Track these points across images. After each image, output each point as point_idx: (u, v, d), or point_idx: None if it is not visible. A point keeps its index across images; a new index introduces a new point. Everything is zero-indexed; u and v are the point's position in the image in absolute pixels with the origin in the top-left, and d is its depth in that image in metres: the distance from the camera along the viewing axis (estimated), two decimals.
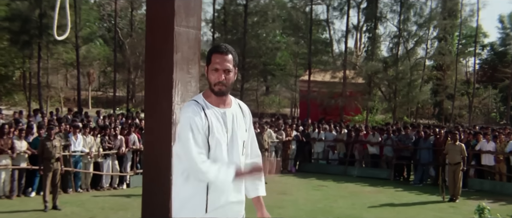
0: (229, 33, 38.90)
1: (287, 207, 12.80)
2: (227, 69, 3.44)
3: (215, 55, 3.44)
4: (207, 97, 3.51)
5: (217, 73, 3.42)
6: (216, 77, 3.42)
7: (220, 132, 3.43)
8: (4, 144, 13.00)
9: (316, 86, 35.99)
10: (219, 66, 3.42)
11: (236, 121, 3.55)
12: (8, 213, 11.42)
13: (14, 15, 32.14)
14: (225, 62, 3.44)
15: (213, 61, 3.43)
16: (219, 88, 3.44)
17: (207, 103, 3.46)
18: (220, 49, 3.47)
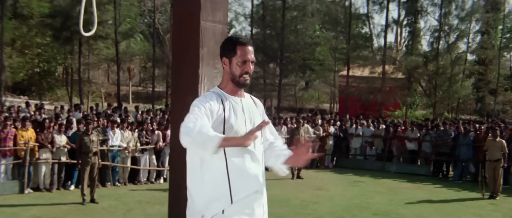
0: (268, 28, 38.83)
1: (323, 203, 12.73)
2: (253, 61, 3.52)
3: (240, 47, 3.46)
4: (224, 87, 3.54)
5: (245, 65, 3.46)
6: (244, 69, 3.46)
7: (239, 119, 3.45)
8: (45, 138, 13.30)
9: (355, 82, 35.66)
10: (246, 58, 3.46)
11: (253, 111, 3.58)
12: (48, 206, 11.66)
13: (56, 11, 32.74)
14: (251, 53, 3.50)
15: (240, 53, 3.45)
16: (245, 79, 3.48)
17: (225, 94, 3.49)
18: (245, 40, 3.50)
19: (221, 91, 3.51)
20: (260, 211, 3.54)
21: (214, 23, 4.03)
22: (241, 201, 3.41)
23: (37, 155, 13.27)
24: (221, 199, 3.37)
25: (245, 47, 3.46)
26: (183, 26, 4.08)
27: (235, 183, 3.39)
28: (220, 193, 3.38)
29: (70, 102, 33.16)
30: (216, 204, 3.38)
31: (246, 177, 3.44)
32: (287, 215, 11.26)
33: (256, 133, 3.31)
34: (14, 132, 13.10)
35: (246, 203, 3.44)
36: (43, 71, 38.30)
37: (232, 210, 3.39)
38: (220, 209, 3.37)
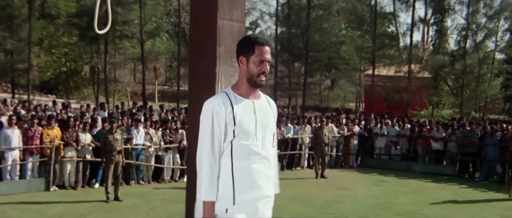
0: (293, 27, 38.76)
1: (346, 202, 12.67)
2: (270, 61, 3.49)
3: (259, 47, 3.44)
4: (237, 89, 3.52)
5: (262, 65, 3.44)
6: (262, 69, 3.45)
7: (249, 121, 3.43)
8: (70, 137, 13.45)
9: (381, 81, 35.42)
10: (264, 58, 3.45)
11: (266, 113, 3.55)
12: (72, 203, 11.80)
13: (82, 11, 33.10)
14: (268, 53, 3.48)
15: (257, 53, 3.44)
16: (262, 80, 3.47)
17: (236, 96, 3.48)
18: (263, 40, 3.48)
19: (233, 93, 3.49)
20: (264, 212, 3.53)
21: (231, 21, 4.01)
22: (244, 202, 3.41)
23: (63, 153, 13.43)
24: (224, 198, 3.38)
25: (263, 47, 3.45)
26: (200, 24, 4.07)
27: (239, 185, 3.39)
28: (223, 192, 3.38)
29: (96, 101, 33.50)
30: (219, 203, 3.39)
31: (251, 179, 3.43)
32: (310, 214, 11.24)
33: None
34: (40, 130, 13.28)
35: (251, 206, 3.44)
36: (70, 70, 38.79)
37: (235, 210, 3.40)
38: (223, 208, 3.39)
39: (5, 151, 12.80)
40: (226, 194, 3.38)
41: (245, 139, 3.41)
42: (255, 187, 3.43)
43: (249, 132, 3.42)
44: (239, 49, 3.54)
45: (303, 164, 18.84)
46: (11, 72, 32.92)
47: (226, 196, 3.38)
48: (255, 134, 3.44)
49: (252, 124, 3.44)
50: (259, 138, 3.46)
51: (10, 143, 12.81)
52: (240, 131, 3.39)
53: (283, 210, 11.53)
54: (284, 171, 17.92)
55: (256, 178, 3.43)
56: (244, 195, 3.39)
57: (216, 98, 3.44)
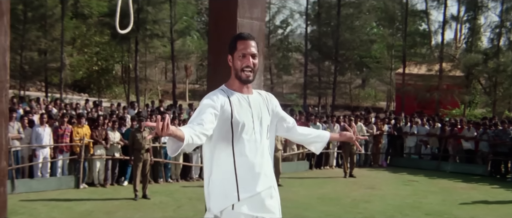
0: (323, 25, 38.57)
1: (374, 202, 12.59)
2: (254, 54, 3.50)
3: (240, 42, 3.50)
4: (230, 86, 3.58)
5: (244, 59, 3.48)
6: (244, 62, 3.48)
7: (245, 115, 3.48)
8: (99, 135, 13.61)
9: (412, 79, 35.05)
10: (245, 52, 3.48)
11: (260, 107, 3.60)
12: (101, 201, 11.93)
13: (113, 10, 33.38)
14: (251, 47, 3.50)
15: (238, 48, 3.49)
16: (247, 74, 3.50)
17: (230, 90, 3.54)
18: (245, 35, 3.54)
19: (227, 89, 3.56)
20: (271, 205, 3.57)
21: (251, 20, 4.01)
22: (249, 198, 3.46)
23: (92, 151, 13.60)
24: (229, 195, 3.43)
25: (245, 41, 3.49)
26: (220, 23, 4.09)
27: (242, 181, 3.44)
28: (228, 189, 3.44)
29: (127, 100, 33.81)
30: (224, 200, 3.45)
31: (254, 175, 3.48)
32: (337, 213, 11.18)
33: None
34: (70, 128, 13.46)
35: (256, 200, 3.49)
36: (101, 69, 39.16)
37: (241, 206, 3.44)
38: (228, 204, 3.44)
39: (37, 148, 13.03)
40: (230, 192, 3.43)
41: (245, 134, 3.45)
42: (258, 180, 3.48)
43: (247, 125, 3.46)
44: (228, 50, 3.59)
45: (331, 163, 18.74)
46: (44, 71, 33.39)
47: (231, 193, 3.43)
48: (253, 128, 3.49)
49: (249, 117, 3.49)
50: (257, 131, 3.51)
51: (41, 141, 13.02)
52: (238, 125, 3.43)
53: (311, 209, 11.52)
54: (313, 170, 17.88)
55: (258, 172, 3.48)
56: (248, 191, 3.44)
57: (213, 93, 3.50)
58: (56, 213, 10.51)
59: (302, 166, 17.77)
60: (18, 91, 32.93)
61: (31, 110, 16.08)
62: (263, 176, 3.51)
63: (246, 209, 3.44)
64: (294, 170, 17.10)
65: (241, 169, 3.43)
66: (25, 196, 12.02)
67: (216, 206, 3.47)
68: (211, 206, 3.51)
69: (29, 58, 33.01)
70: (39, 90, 38.43)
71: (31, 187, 12.59)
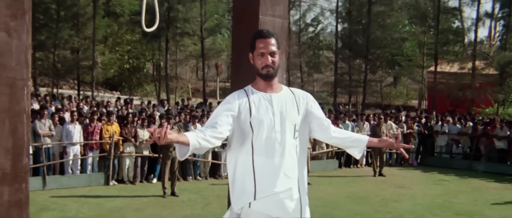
0: (353, 23, 38.32)
1: (404, 201, 12.44)
2: (273, 52, 3.49)
3: (259, 40, 3.50)
4: (254, 85, 3.59)
5: (263, 58, 3.48)
6: (263, 61, 3.48)
7: (265, 114, 3.47)
8: (128, 133, 13.73)
9: (444, 78, 34.63)
10: (264, 50, 3.47)
11: (285, 105, 3.55)
12: (130, 197, 12.04)
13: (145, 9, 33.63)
14: (270, 45, 3.49)
15: (257, 47, 3.50)
16: (267, 71, 3.49)
17: (253, 90, 3.55)
18: (263, 33, 3.53)
19: (251, 88, 3.57)
20: (293, 206, 3.53)
21: (273, 17, 3.99)
22: (266, 198, 3.45)
23: (121, 149, 13.72)
24: (247, 194, 3.45)
25: (264, 40, 3.49)
26: (243, 20, 4.07)
27: (260, 180, 3.44)
28: (246, 188, 3.45)
29: (158, 98, 34.08)
30: (243, 198, 3.47)
31: (272, 175, 3.46)
32: (366, 212, 11.09)
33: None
34: (100, 126, 13.62)
35: (273, 201, 3.47)
36: (133, 67, 39.57)
37: (258, 205, 3.45)
38: (245, 202, 3.46)
39: (67, 146, 13.21)
40: (248, 190, 3.44)
41: (264, 133, 3.44)
42: (276, 180, 3.45)
43: (266, 124, 3.45)
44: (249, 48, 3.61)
45: (361, 162, 18.60)
46: (77, 70, 33.85)
47: (248, 192, 3.44)
48: (274, 126, 3.47)
49: (269, 115, 3.47)
50: (278, 130, 3.48)
51: (72, 138, 13.20)
52: (257, 123, 3.44)
53: (339, 207, 11.45)
54: (342, 169, 17.78)
55: (277, 172, 3.46)
56: (266, 190, 3.43)
57: (233, 94, 3.55)
58: (86, 210, 10.62)
59: (331, 164, 17.69)
60: (51, 89, 33.44)
61: (63, 107, 16.29)
62: (283, 177, 3.47)
63: (262, 208, 3.44)
64: (323, 169, 17.03)
65: (259, 168, 3.43)
66: (56, 192, 12.20)
67: (236, 204, 3.51)
68: (232, 203, 3.55)
69: (62, 56, 33.52)
70: (72, 88, 38.99)
71: (62, 184, 12.78)
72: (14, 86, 2.97)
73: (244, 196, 3.45)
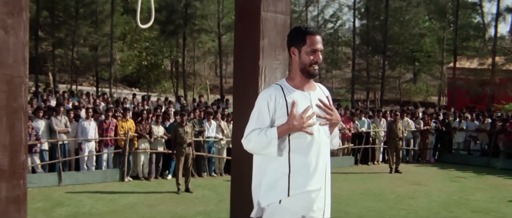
0: (371, 19, 38.08)
1: (419, 198, 12.35)
2: (322, 50, 3.46)
3: (310, 36, 3.42)
4: (291, 80, 3.52)
5: (315, 55, 3.42)
6: (314, 58, 3.43)
7: (305, 113, 3.40)
8: (143, 129, 13.79)
9: (463, 74, 34.30)
10: (316, 47, 3.42)
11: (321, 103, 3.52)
12: (145, 193, 12.10)
13: (161, 6, 33.85)
14: (320, 43, 3.45)
15: (309, 43, 3.42)
16: (315, 69, 3.45)
17: (289, 87, 3.47)
18: (314, 29, 3.47)
19: (287, 84, 3.50)
20: (320, 206, 3.52)
21: (275, 13, 3.97)
22: (298, 195, 3.41)
23: (136, 145, 13.79)
24: (279, 189, 3.40)
25: (314, 37, 3.42)
26: (244, 17, 4.05)
27: (294, 177, 3.40)
28: (279, 184, 3.41)
29: (175, 95, 34.20)
30: (273, 193, 3.42)
31: (307, 173, 3.43)
32: (380, 209, 11.03)
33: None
34: (115, 122, 13.70)
35: (305, 198, 3.44)
36: (151, 64, 39.74)
37: (288, 202, 3.41)
38: (276, 198, 3.41)
39: (82, 142, 13.31)
40: (280, 186, 3.40)
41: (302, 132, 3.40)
42: (310, 179, 3.43)
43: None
44: (290, 40, 3.53)
45: (378, 158, 18.51)
46: (95, 67, 34.09)
47: (281, 188, 3.40)
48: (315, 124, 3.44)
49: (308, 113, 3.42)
50: (315, 129, 3.44)
51: (87, 134, 13.31)
52: None
53: (353, 204, 11.40)
54: (358, 165, 17.70)
55: (311, 170, 3.43)
56: (299, 188, 3.40)
57: (268, 90, 3.48)
58: (100, 205, 10.69)
59: (347, 161, 17.61)
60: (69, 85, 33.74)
61: (79, 104, 16.41)
62: (317, 175, 3.47)
63: (292, 206, 3.42)
64: (339, 165, 16.96)
65: (295, 165, 3.40)
66: (71, 188, 12.31)
67: (265, 199, 3.45)
68: (260, 199, 3.49)
69: (80, 53, 33.79)
70: (92, 85, 39.29)
71: (77, 180, 12.88)
72: (11, 84, 3.00)
73: (275, 192, 3.41)
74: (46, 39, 34.08)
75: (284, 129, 3.31)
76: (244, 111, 4.00)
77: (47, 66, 35.64)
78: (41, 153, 12.78)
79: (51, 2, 32.48)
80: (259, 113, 3.39)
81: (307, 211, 3.46)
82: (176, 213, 10.33)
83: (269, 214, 3.45)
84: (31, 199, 11.01)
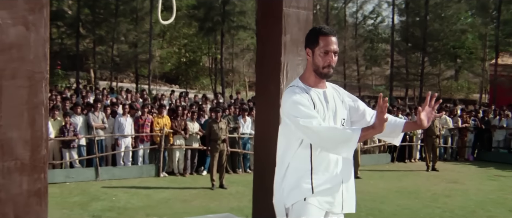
0: (411, 15, 37.56)
1: (455, 197, 12.16)
2: (336, 52, 3.44)
3: (323, 38, 3.41)
4: (305, 80, 3.52)
5: (327, 56, 3.41)
6: (327, 60, 3.41)
7: (323, 111, 3.44)
8: (178, 125, 13.91)
9: (505, 70, 33.60)
10: (329, 48, 3.40)
11: (334, 101, 3.54)
12: (179, 189, 12.21)
13: (200, 3, 34.05)
14: (334, 44, 3.43)
15: (322, 44, 3.40)
16: (328, 71, 3.44)
17: (307, 87, 3.48)
18: (328, 30, 3.44)
19: (303, 84, 3.50)
20: (339, 202, 3.54)
21: (298, 9, 3.96)
22: (322, 191, 3.44)
23: (172, 141, 13.92)
24: (303, 188, 3.42)
25: (328, 38, 3.41)
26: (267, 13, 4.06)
27: (317, 174, 3.43)
28: (302, 182, 3.42)
29: (214, 91, 34.39)
30: (297, 192, 3.43)
31: (329, 168, 3.46)
32: (415, 207, 10.90)
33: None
34: (150, 118, 13.85)
35: (328, 193, 3.47)
36: (189, 61, 40.00)
37: (314, 199, 3.44)
38: (301, 197, 3.42)
39: (119, 138, 13.51)
40: (304, 183, 3.42)
41: None
42: (332, 175, 3.46)
43: (322, 119, 3.40)
44: (305, 41, 3.54)
45: (415, 156, 18.28)
46: (134, 63, 34.51)
47: (305, 185, 3.41)
48: (328, 123, 3.44)
49: (324, 110, 3.45)
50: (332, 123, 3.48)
51: (123, 130, 13.50)
52: None
53: (388, 201, 11.31)
54: (395, 163, 17.53)
55: (332, 167, 3.47)
56: (322, 184, 3.43)
57: (293, 89, 3.45)
58: (135, 200, 10.83)
59: (383, 158, 17.46)
60: (109, 82, 34.24)
61: (117, 100, 16.64)
62: (338, 172, 3.50)
63: (316, 202, 3.43)
64: (375, 163, 16.84)
65: (316, 163, 3.42)
66: (108, 183, 12.51)
67: (290, 199, 3.46)
68: (284, 198, 3.49)
69: (120, 50, 34.24)
70: (132, 82, 39.80)
71: (113, 175, 13.08)
72: (32, 79, 3.07)
73: (299, 191, 3.42)
74: (87, 36, 34.64)
75: (369, 132, 3.28)
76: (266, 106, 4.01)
77: (88, 63, 36.26)
78: (78, 148, 13.01)
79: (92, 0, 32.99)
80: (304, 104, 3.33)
81: (330, 207, 3.49)
82: (209, 208, 10.39)
83: (295, 213, 3.45)
84: (68, 193, 11.27)
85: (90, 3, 33.24)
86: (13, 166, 3.00)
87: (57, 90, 20.67)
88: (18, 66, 2.99)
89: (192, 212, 10.00)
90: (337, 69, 45.31)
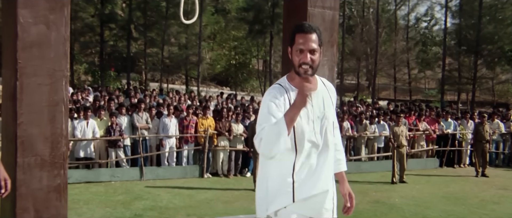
0: (464, 18, 36.80)
1: (504, 203, 11.81)
2: (312, 50, 3.24)
3: (298, 35, 3.25)
4: (291, 80, 3.37)
5: (302, 54, 3.24)
6: (301, 59, 3.24)
7: (307, 114, 3.28)
8: (223, 127, 13.98)
9: None
10: (303, 47, 3.23)
11: (323, 103, 3.38)
12: (222, 190, 12.25)
13: (249, 5, 34.22)
14: (310, 42, 3.23)
15: (296, 42, 3.25)
16: (304, 70, 3.25)
17: (291, 86, 3.33)
18: (304, 28, 3.26)
19: (288, 83, 3.36)
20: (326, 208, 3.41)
21: (323, 9, 3.91)
22: (304, 200, 3.31)
23: (216, 142, 13.99)
24: (284, 196, 3.29)
25: (304, 35, 3.24)
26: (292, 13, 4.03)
27: (298, 181, 3.29)
28: (284, 189, 3.29)
29: (263, 94, 34.47)
30: (279, 199, 3.31)
31: (311, 177, 3.32)
32: (461, 213, 10.65)
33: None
34: (195, 120, 13.97)
35: (311, 202, 3.34)
36: (239, 63, 40.22)
37: (295, 208, 3.31)
38: (282, 205, 3.30)
39: (164, 138, 13.67)
40: (285, 192, 3.29)
41: (306, 133, 3.28)
42: (315, 183, 3.32)
43: (306, 123, 3.29)
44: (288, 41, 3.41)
45: (464, 161, 17.85)
46: (184, 65, 34.91)
47: (286, 194, 3.29)
48: (313, 129, 3.31)
49: (310, 114, 3.30)
50: (317, 131, 3.32)
51: (168, 131, 13.65)
52: (298, 124, 3.24)
53: (433, 207, 11.08)
54: (443, 168, 17.16)
55: (315, 173, 3.32)
56: (304, 192, 3.30)
57: (271, 90, 3.34)
58: (177, 200, 10.93)
59: (431, 163, 17.11)
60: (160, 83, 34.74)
61: (164, 101, 16.84)
62: (322, 178, 3.36)
63: (298, 210, 3.32)
64: (423, 167, 16.54)
65: (299, 170, 3.30)
66: (152, 182, 12.67)
67: (272, 207, 3.34)
68: (264, 206, 3.38)
69: (170, 52, 34.73)
70: (183, 83, 40.29)
71: (158, 175, 13.24)
72: (53, 77, 3.14)
73: (280, 199, 3.31)
74: (139, 38, 35.25)
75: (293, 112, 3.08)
76: None
77: (140, 65, 36.90)
78: (124, 148, 13.23)
79: (144, 2, 33.55)
80: (268, 109, 3.20)
81: (316, 213, 3.37)
82: (250, 210, 10.36)
83: None
84: (113, 192, 11.47)
85: (141, 6, 33.83)
86: (33, 162, 3.06)
87: (107, 91, 21.05)
88: (39, 64, 3.06)
89: (233, 213, 10.02)
90: (388, 72, 44.87)
